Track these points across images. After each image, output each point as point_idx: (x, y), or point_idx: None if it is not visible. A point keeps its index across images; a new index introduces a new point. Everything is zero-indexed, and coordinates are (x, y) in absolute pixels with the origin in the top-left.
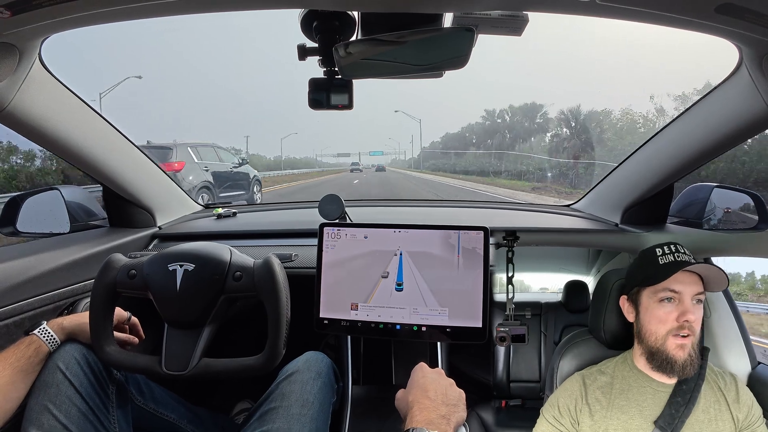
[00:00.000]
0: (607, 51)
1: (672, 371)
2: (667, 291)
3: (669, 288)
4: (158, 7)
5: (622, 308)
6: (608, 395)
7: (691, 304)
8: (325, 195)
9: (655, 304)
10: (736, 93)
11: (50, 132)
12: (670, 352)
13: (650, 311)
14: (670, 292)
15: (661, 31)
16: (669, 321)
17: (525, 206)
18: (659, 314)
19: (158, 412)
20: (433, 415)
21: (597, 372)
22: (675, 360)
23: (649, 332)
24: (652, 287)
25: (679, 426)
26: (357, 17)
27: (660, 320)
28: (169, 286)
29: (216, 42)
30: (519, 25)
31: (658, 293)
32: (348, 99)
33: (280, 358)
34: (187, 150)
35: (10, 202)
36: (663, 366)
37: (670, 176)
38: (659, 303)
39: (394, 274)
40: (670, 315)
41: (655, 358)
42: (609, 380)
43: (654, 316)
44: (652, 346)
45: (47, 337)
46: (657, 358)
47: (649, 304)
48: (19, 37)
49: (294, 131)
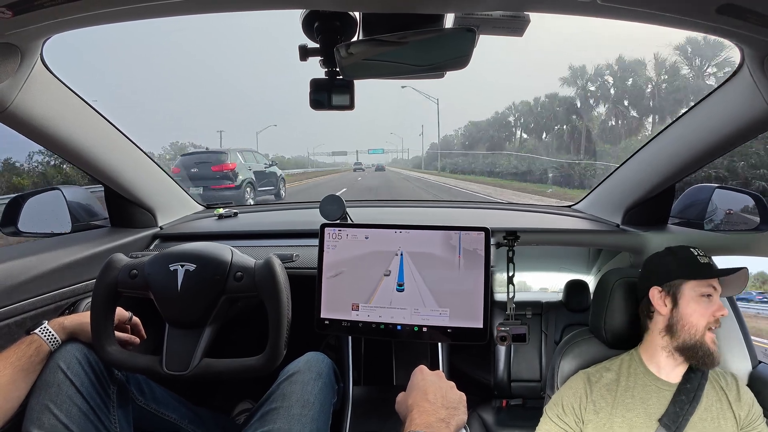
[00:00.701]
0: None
1: (709, 364)
2: (710, 287)
3: (713, 285)
4: (160, 7)
5: (652, 299)
6: (614, 392)
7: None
8: (326, 195)
9: (698, 298)
10: (737, 93)
11: (52, 132)
12: (708, 346)
13: (692, 304)
14: (713, 289)
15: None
16: (708, 315)
17: (526, 207)
18: (701, 308)
19: (159, 412)
20: (432, 418)
21: (603, 369)
22: (712, 352)
23: (689, 325)
24: (697, 281)
25: (683, 424)
26: (358, 18)
27: (701, 314)
28: (170, 286)
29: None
30: (520, 25)
31: (702, 288)
32: (349, 99)
33: (281, 358)
34: (236, 154)
35: (11, 203)
36: (701, 359)
37: (672, 177)
38: (701, 297)
39: (395, 274)
40: (709, 309)
41: (692, 352)
42: (615, 377)
43: (696, 309)
44: (689, 340)
45: (48, 336)
46: (695, 351)
47: (692, 297)
48: (20, 38)
49: (273, 123)
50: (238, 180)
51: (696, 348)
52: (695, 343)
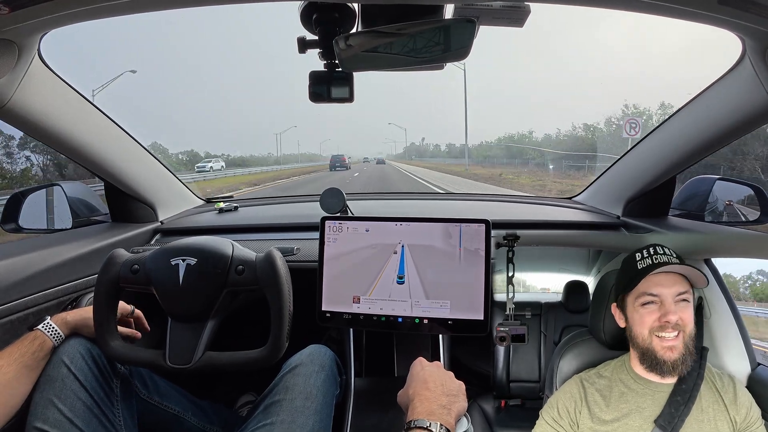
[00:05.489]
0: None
1: (663, 371)
2: (645, 295)
3: (647, 292)
4: (156, 0)
5: (615, 316)
6: (607, 398)
7: (674, 304)
8: (326, 189)
9: (638, 308)
10: (738, 84)
11: (50, 128)
12: (658, 353)
13: (634, 316)
14: (649, 296)
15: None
16: (650, 322)
17: (526, 198)
18: (642, 317)
19: (163, 405)
20: (434, 405)
21: (595, 375)
22: (664, 360)
23: (636, 334)
24: (633, 292)
25: (678, 425)
26: (357, 9)
27: (642, 322)
28: (171, 281)
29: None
30: (520, 16)
31: (639, 298)
32: (349, 92)
33: (283, 351)
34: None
35: (12, 199)
36: (654, 366)
37: (672, 168)
38: (642, 307)
39: (396, 267)
40: (652, 315)
41: (646, 359)
42: (607, 383)
43: (637, 320)
44: (642, 347)
45: (51, 332)
46: (647, 359)
47: (633, 310)
48: (17, 34)
49: (293, 125)
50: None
51: (648, 356)
52: (645, 351)
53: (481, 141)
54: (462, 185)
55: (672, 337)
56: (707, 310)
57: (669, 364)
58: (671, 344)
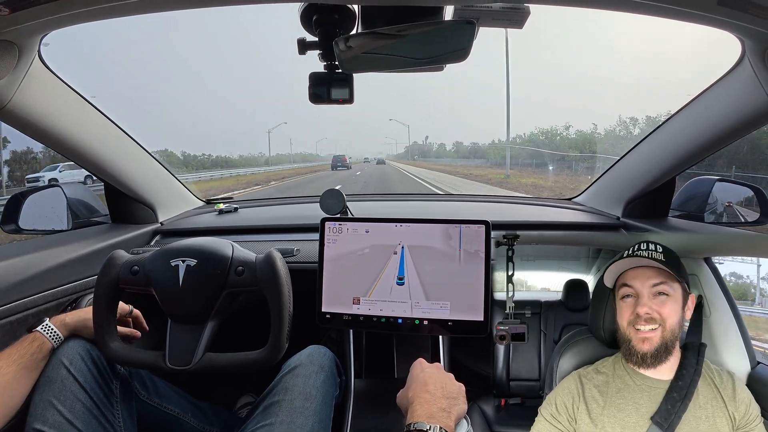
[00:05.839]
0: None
1: (639, 362)
2: (624, 287)
3: (625, 283)
4: (157, 1)
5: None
6: (604, 394)
7: (649, 297)
8: (326, 190)
9: (619, 302)
10: (738, 86)
11: (51, 129)
12: (633, 344)
13: (618, 309)
14: (627, 288)
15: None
16: (628, 315)
17: (526, 200)
18: (622, 310)
19: (162, 407)
20: (433, 408)
21: (593, 371)
22: (638, 351)
23: (618, 327)
24: (617, 286)
25: (675, 421)
26: (357, 10)
27: (622, 315)
28: (171, 282)
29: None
30: (520, 17)
31: (619, 290)
32: (349, 93)
33: (283, 352)
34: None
35: (12, 200)
36: (630, 357)
37: (672, 169)
38: (621, 300)
39: (396, 268)
40: (629, 308)
41: (625, 351)
42: (605, 379)
43: (619, 313)
44: (623, 339)
45: (50, 333)
46: (626, 350)
47: (617, 303)
48: (18, 35)
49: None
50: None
51: (626, 347)
52: (625, 343)
53: (492, 140)
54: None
55: (647, 330)
56: (707, 308)
57: (640, 355)
58: (645, 336)
